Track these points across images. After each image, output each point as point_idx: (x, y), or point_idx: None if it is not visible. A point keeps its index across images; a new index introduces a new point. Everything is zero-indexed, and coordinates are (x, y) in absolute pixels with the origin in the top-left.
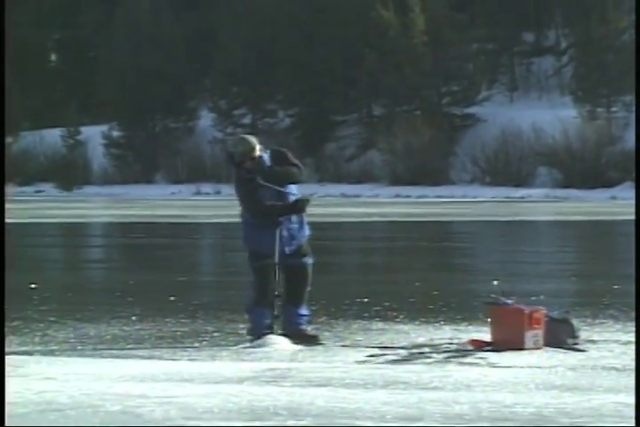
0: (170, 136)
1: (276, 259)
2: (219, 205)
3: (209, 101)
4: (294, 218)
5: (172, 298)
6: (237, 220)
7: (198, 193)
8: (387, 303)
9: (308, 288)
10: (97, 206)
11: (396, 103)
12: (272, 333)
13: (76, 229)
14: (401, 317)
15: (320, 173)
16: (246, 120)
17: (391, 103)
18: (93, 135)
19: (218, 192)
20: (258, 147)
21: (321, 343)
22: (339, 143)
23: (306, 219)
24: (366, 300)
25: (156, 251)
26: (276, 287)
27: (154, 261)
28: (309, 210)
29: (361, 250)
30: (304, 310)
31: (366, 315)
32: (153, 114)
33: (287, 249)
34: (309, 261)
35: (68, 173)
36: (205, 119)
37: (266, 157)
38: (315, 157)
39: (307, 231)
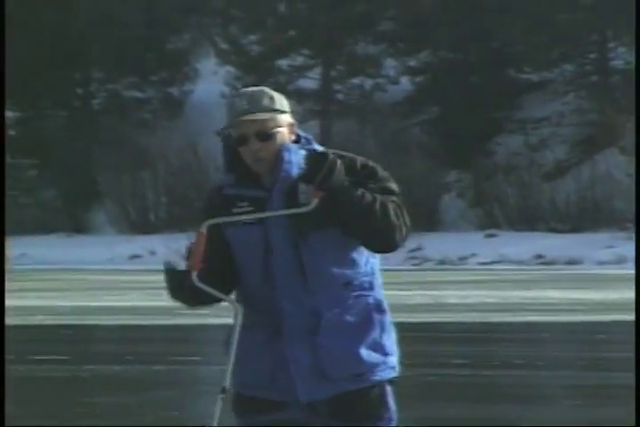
0: (126, 122)
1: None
2: None
3: (214, 33)
4: (327, 293)
5: None
6: None
7: None
8: None
9: None
10: None
11: None
12: None
13: None
14: None
15: (483, 207)
16: (309, 81)
17: None
18: None
19: None
20: (289, 122)
21: None
22: (527, 135)
23: (383, 302)
24: None
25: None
26: None
27: None
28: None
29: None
30: None
31: None
32: (86, 68)
33: (302, 394)
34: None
35: None
36: (209, 78)
37: (295, 155)
38: (469, 169)
39: (388, 339)
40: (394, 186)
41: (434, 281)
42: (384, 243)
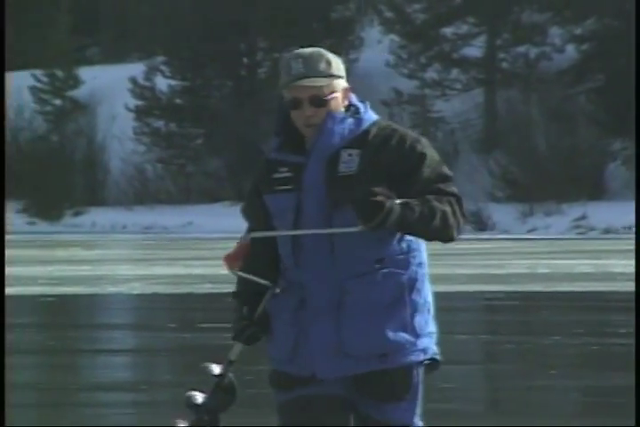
0: None
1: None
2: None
3: (378, 1)
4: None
5: None
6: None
7: None
8: None
9: None
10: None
11: None
12: None
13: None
14: None
15: None
16: (474, 49)
17: None
18: (112, 86)
19: None
20: (344, 86)
21: None
22: None
23: (422, 273)
24: None
25: None
26: None
27: None
28: None
29: None
30: None
31: None
32: (252, 38)
33: (320, 371)
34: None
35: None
36: (373, 46)
37: (339, 125)
38: (634, 137)
39: (421, 320)
40: (447, 170)
41: (598, 250)
42: (440, 241)
